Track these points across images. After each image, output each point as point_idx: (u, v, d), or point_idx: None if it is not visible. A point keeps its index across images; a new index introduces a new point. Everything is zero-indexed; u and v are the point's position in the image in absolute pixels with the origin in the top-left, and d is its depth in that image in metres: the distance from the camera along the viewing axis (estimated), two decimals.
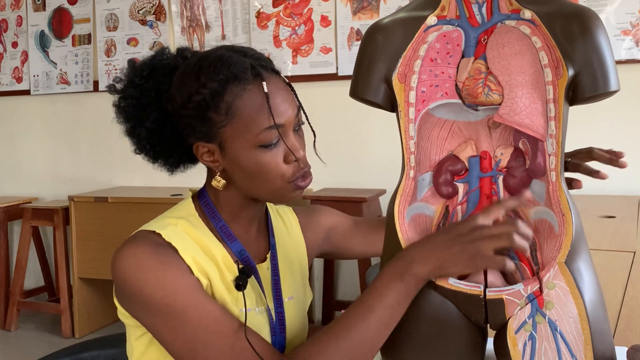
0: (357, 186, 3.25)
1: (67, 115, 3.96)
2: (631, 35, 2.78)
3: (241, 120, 0.90)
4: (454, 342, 0.85)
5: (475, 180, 0.89)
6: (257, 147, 0.91)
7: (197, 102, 0.91)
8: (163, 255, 0.89)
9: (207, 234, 0.97)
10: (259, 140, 0.91)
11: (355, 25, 3.23)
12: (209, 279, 0.93)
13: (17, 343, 3.44)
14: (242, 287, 0.93)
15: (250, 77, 0.90)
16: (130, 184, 3.76)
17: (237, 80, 0.90)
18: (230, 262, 0.96)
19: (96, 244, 3.27)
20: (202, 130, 0.93)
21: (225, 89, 0.90)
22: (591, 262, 0.83)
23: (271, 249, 1.05)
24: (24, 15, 4.00)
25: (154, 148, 1.00)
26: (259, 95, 0.90)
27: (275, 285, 1.02)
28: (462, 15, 0.86)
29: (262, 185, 0.94)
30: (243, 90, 0.90)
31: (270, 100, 0.90)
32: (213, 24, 3.54)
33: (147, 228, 0.94)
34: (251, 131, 0.90)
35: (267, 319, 0.98)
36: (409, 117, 0.87)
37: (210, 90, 0.90)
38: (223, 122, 0.91)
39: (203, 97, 0.90)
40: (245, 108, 0.90)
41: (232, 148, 0.92)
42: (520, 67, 0.81)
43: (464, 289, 0.83)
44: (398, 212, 0.87)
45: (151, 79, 0.98)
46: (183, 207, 1.00)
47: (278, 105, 0.91)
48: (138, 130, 0.98)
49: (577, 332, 0.78)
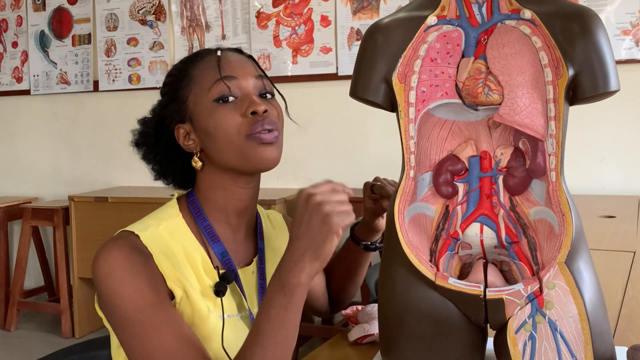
0: (357, 186, 3.24)
1: (67, 115, 3.96)
2: (631, 35, 2.78)
3: (197, 84, 0.97)
4: (454, 342, 0.85)
5: (475, 180, 0.89)
6: (213, 102, 0.95)
7: (168, 83, 1.01)
8: (135, 265, 0.88)
9: (188, 237, 0.96)
10: (212, 94, 0.95)
11: (355, 25, 3.22)
12: (184, 288, 0.91)
13: (17, 343, 3.44)
14: (221, 294, 0.92)
15: (212, 53, 1.00)
16: (130, 184, 3.76)
17: (199, 57, 1.01)
18: (210, 267, 0.95)
19: (96, 244, 3.21)
20: (175, 110, 0.99)
21: (188, 65, 1.00)
22: (591, 262, 0.83)
23: (259, 252, 1.04)
24: (24, 15, 4.00)
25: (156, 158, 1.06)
26: (212, 60, 0.99)
27: (261, 289, 1.01)
28: (462, 15, 0.86)
29: (227, 146, 0.94)
30: (200, 61, 1.00)
31: (223, 60, 0.97)
32: (213, 24, 3.54)
33: (129, 229, 0.94)
34: (205, 88, 0.96)
35: (250, 324, 0.97)
36: (409, 117, 0.87)
37: (178, 71, 1.01)
38: (187, 94, 0.98)
39: (172, 77, 1.01)
40: (200, 72, 0.98)
41: (197, 115, 0.97)
42: (520, 67, 0.81)
43: (464, 288, 0.83)
44: (398, 212, 0.87)
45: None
46: (168, 208, 1.00)
47: (232, 63, 0.98)
48: (153, 155, 1.06)
49: (577, 332, 0.78)
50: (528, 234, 0.85)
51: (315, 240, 0.79)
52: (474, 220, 0.88)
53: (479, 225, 0.88)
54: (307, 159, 3.28)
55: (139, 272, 0.88)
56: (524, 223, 0.85)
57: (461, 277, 0.86)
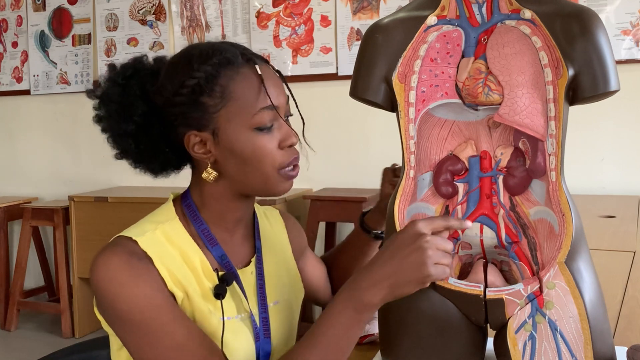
0: (357, 186, 3.24)
1: (67, 115, 3.96)
2: (631, 35, 2.78)
3: (236, 102, 0.90)
4: (454, 341, 0.85)
5: (475, 180, 0.89)
6: (253, 129, 0.90)
7: (190, 86, 0.90)
8: (136, 269, 0.87)
9: (186, 240, 0.95)
10: (255, 121, 0.90)
11: (355, 25, 3.22)
12: (185, 290, 0.91)
13: (17, 343, 3.44)
14: (221, 297, 0.92)
15: (243, 61, 0.91)
16: (130, 184, 3.76)
17: (230, 64, 0.91)
18: (209, 270, 0.94)
19: (96, 244, 3.24)
20: (195, 117, 0.92)
21: (219, 72, 0.90)
22: (591, 262, 0.83)
23: (257, 252, 1.03)
24: (24, 15, 4.00)
25: (138, 146, 0.97)
26: (253, 77, 0.91)
27: (260, 289, 1.00)
28: (462, 15, 0.86)
29: (254, 173, 0.92)
30: (237, 74, 0.90)
31: (266, 82, 0.91)
32: (213, 24, 3.53)
33: (125, 234, 0.92)
34: (247, 112, 0.90)
35: (251, 325, 0.96)
36: (409, 117, 0.87)
37: (205, 74, 0.90)
38: (217, 107, 0.91)
39: (197, 81, 0.90)
40: (241, 90, 0.90)
41: (227, 133, 0.91)
42: (520, 67, 0.81)
43: (464, 288, 0.83)
44: (398, 212, 0.87)
45: (133, 79, 0.97)
46: (164, 211, 0.98)
47: (271, 88, 0.91)
48: (125, 127, 0.95)
49: (577, 331, 0.78)
50: (528, 234, 0.85)
51: (402, 276, 0.78)
52: (474, 220, 0.88)
53: (479, 225, 0.88)
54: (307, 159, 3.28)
55: (141, 275, 0.87)
56: (524, 223, 0.85)
57: (461, 277, 0.86)
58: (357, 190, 3.15)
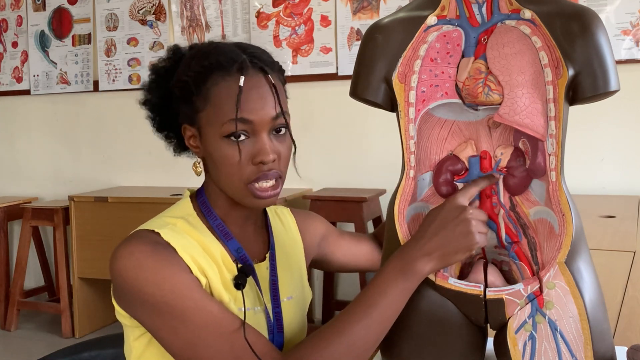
0: (357, 186, 3.25)
1: (67, 115, 3.96)
2: (631, 35, 2.78)
3: (213, 107, 0.92)
4: (454, 341, 0.85)
5: None
6: (222, 137, 0.92)
7: (184, 82, 0.95)
8: (162, 254, 0.89)
9: (205, 233, 0.97)
10: (223, 130, 0.92)
11: (355, 25, 3.23)
12: (207, 278, 0.92)
13: (17, 343, 3.44)
14: (241, 287, 0.93)
15: (234, 70, 0.92)
16: (130, 184, 3.75)
17: (220, 69, 0.93)
18: (229, 261, 0.96)
19: (96, 244, 3.26)
20: (186, 112, 0.96)
21: (207, 76, 0.93)
22: (591, 262, 0.83)
23: (270, 248, 1.05)
24: (24, 15, 4.00)
25: (155, 118, 1.04)
26: (234, 87, 0.92)
27: (273, 285, 1.02)
28: (462, 15, 0.86)
29: (225, 180, 0.94)
30: (222, 80, 0.92)
31: (244, 95, 0.91)
32: (213, 24, 3.54)
33: (145, 227, 0.94)
34: (218, 120, 0.92)
35: (265, 318, 0.98)
36: (409, 116, 0.87)
37: (195, 74, 0.94)
38: (201, 108, 0.94)
39: (188, 79, 0.95)
40: (219, 96, 0.92)
41: (205, 135, 0.94)
42: (520, 67, 0.81)
43: (464, 288, 0.83)
44: (398, 212, 0.87)
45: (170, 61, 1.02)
46: (181, 207, 1.01)
47: (252, 102, 0.92)
48: (151, 97, 1.02)
49: (577, 332, 0.78)
50: (528, 233, 0.85)
51: (451, 245, 0.82)
52: None
53: None
54: (307, 159, 3.28)
55: (168, 260, 0.89)
56: (524, 223, 0.85)
57: (461, 277, 0.86)
58: (357, 190, 3.15)
